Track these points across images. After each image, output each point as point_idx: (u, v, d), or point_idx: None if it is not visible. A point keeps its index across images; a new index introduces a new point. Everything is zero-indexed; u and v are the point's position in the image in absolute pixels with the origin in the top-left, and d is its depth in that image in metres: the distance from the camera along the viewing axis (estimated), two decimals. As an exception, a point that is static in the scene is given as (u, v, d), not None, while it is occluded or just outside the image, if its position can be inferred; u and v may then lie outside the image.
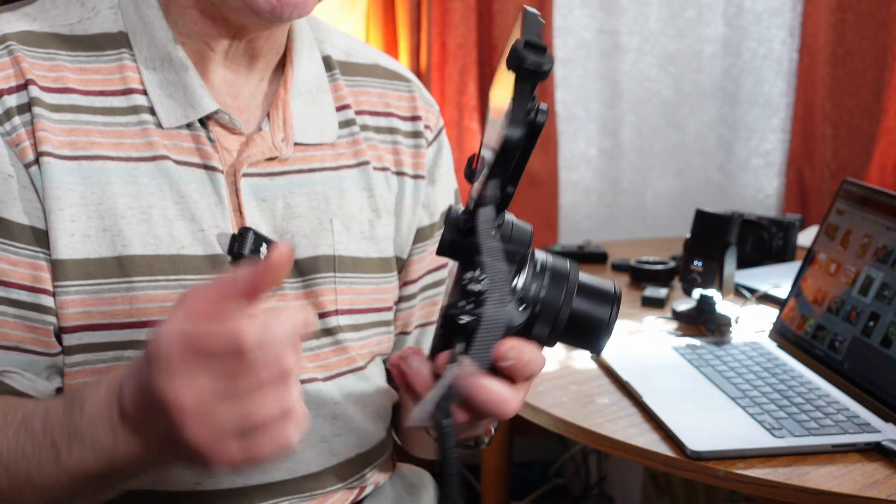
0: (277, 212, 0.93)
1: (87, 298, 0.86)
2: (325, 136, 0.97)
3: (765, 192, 2.60)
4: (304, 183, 0.95)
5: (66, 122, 0.87)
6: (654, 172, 2.55)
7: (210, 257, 0.89)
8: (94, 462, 0.69)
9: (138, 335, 0.87)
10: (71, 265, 0.85)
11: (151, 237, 0.87)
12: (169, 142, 0.89)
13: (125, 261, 0.86)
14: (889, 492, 1.06)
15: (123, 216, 0.87)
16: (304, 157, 0.96)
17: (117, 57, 0.90)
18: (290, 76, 0.96)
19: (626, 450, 1.18)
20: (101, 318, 0.86)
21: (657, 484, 2.24)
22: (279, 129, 0.94)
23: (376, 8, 2.16)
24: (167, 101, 0.89)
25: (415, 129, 1.05)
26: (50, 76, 0.88)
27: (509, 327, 0.69)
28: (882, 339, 1.28)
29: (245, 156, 0.92)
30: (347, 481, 0.98)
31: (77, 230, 0.86)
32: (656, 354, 1.45)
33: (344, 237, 0.96)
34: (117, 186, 0.87)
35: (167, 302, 0.87)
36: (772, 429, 1.18)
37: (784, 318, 1.50)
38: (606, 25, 2.43)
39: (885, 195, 1.39)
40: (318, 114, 0.98)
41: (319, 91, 0.99)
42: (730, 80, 2.54)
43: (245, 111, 0.94)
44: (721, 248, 1.57)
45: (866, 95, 2.44)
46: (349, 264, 0.97)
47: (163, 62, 0.90)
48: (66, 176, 0.86)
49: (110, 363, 0.87)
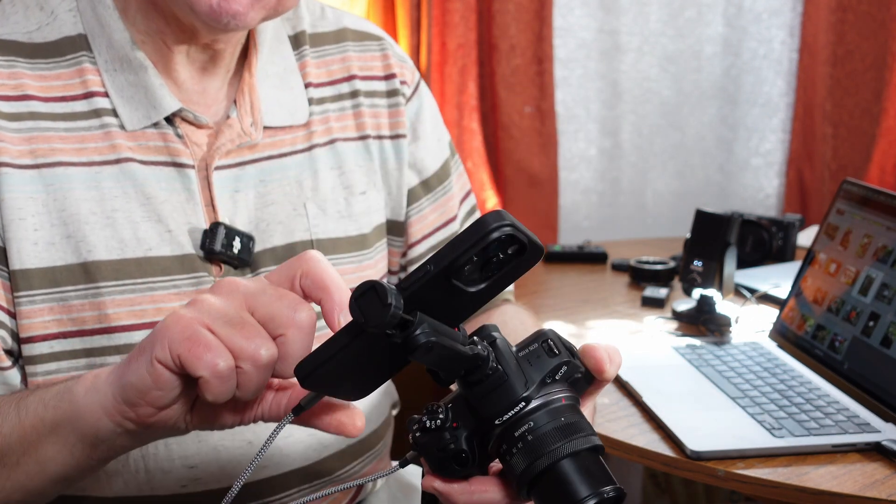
0: (250, 202, 0.93)
1: (55, 306, 0.85)
2: (295, 117, 0.97)
3: (765, 192, 2.59)
4: (276, 169, 0.95)
5: (26, 129, 0.86)
6: (654, 172, 2.55)
7: (179, 257, 0.89)
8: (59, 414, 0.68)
9: (110, 341, 0.86)
10: (36, 274, 0.85)
11: (116, 241, 0.87)
12: (134, 143, 0.89)
13: (90, 266, 0.86)
14: (889, 492, 1.06)
15: (87, 222, 0.86)
16: (275, 141, 0.95)
17: (76, 60, 0.89)
18: (255, 59, 0.95)
19: (626, 450, 1.18)
20: (72, 325, 0.86)
21: (657, 484, 2.24)
22: (247, 115, 0.93)
23: (376, 8, 2.16)
24: (128, 104, 0.89)
25: (390, 87, 1.03)
26: (9, 84, 0.87)
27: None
28: (882, 339, 1.28)
29: (216, 147, 0.91)
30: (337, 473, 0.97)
31: (41, 238, 0.85)
32: (656, 354, 1.44)
33: (320, 220, 0.96)
34: (80, 192, 0.86)
35: (136, 306, 0.87)
36: (772, 429, 1.18)
37: (784, 318, 1.50)
38: (606, 25, 2.43)
39: (885, 195, 1.39)
40: (286, 95, 0.96)
41: (287, 72, 0.97)
42: (730, 80, 2.54)
43: (213, 105, 0.93)
44: (721, 248, 1.57)
45: (866, 95, 2.44)
46: (327, 246, 0.96)
47: (122, 64, 0.89)
48: (26, 185, 0.85)
49: (84, 370, 0.86)
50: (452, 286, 0.57)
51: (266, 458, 0.91)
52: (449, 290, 0.57)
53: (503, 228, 0.55)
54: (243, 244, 0.91)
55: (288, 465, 0.93)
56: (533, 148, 2.29)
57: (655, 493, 2.24)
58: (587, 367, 0.65)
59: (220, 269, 0.91)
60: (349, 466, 0.98)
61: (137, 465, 0.88)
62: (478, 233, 0.55)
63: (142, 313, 0.87)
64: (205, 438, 0.89)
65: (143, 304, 0.87)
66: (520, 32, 2.22)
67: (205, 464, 0.89)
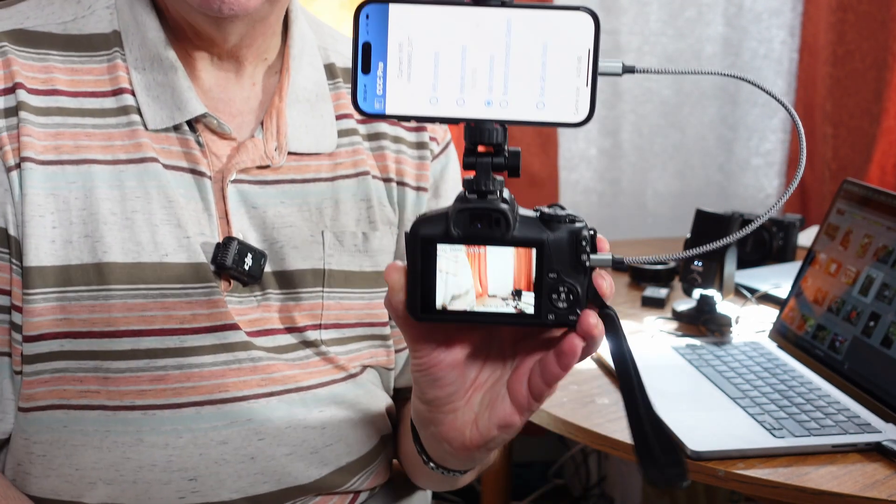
0: (267, 220, 0.92)
1: (67, 305, 0.85)
2: (322, 145, 0.95)
3: (765, 192, 2.59)
4: (297, 193, 0.94)
5: (53, 125, 0.86)
6: (654, 172, 2.55)
7: (194, 265, 0.88)
8: None
9: (117, 345, 0.86)
10: (51, 271, 0.85)
11: (133, 244, 0.86)
12: (158, 145, 0.88)
13: (104, 268, 0.85)
14: (889, 492, 1.06)
15: (106, 222, 0.86)
16: (299, 166, 0.94)
17: (109, 57, 0.89)
18: (286, 84, 0.94)
19: (626, 450, 1.18)
20: (82, 326, 0.86)
21: (657, 484, 2.24)
22: (272, 138, 0.93)
23: (376, 8, 2.16)
24: (153, 103, 0.88)
25: (419, 139, 1.02)
26: (39, 77, 0.87)
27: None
28: (882, 339, 1.28)
29: (234, 162, 0.90)
30: (338, 490, 0.97)
31: (58, 236, 0.85)
32: (656, 354, 1.44)
33: (335, 251, 0.95)
34: (102, 191, 0.86)
35: (147, 311, 0.86)
36: (772, 429, 1.18)
37: (784, 318, 1.50)
38: (606, 25, 2.43)
39: (886, 195, 1.39)
40: (315, 122, 0.96)
41: (319, 99, 0.97)
42: (730, 81, 2.54)
43: (237, 116, 0.93)
44: (721, 248, 1.57)
45: (866, 95, 2.44)
46: (339, 279, 0.95)
47: (152, 63, 0.89)
48: (47, 181, 0.85)
49: (90, 373, 0.86)
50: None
51: (268, 472, 0.91)
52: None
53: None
54: (255, 260, 0.90)
55: (290, 481, 0.93)
56: (533, 148, 2.29)
57: (655, 493, 2.24)
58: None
59: (230, 283, 0.90)
60: (350, 482, 0.98)
61: (136, 475, 0.88)
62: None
63: (152, 319, 0.87)
64: (206, 452, 0.88)
65: (154, 310, 0.87)
66: (520, 32, 2.22)
67: (204, 477, 0.89)
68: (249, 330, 0.90)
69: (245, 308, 0.91)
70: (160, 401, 0.87)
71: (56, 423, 0.87)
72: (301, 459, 0.92)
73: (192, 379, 0.88)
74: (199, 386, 0.88)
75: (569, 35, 0.61)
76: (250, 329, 0.91)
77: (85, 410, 0.87)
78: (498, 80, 0.62)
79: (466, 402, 0.71)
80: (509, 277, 0.65)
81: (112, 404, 0.87)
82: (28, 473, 0.89)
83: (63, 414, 0.87)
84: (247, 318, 0.91)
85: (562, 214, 0.65)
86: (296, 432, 0.91)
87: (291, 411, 0.91)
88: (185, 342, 0.87)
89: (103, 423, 0.87)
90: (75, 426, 0.87)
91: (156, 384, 0.87)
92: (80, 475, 0.88)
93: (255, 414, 0.90)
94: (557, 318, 0.65)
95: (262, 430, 0.90)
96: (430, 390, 0.70)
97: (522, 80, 0.62)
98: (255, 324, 0.91)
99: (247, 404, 0.89)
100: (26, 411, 0.88)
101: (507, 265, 0.64)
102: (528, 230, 0.65)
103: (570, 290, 0.65)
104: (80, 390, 0.86)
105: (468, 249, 0.64)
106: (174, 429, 0.87)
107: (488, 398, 0.71)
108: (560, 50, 0.61)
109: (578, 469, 2.48)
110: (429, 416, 0.73)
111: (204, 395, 0.88)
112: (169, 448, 0.87)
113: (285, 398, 0.91)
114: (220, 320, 0.89)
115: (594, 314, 0.66)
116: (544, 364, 0.67)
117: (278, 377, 0.91)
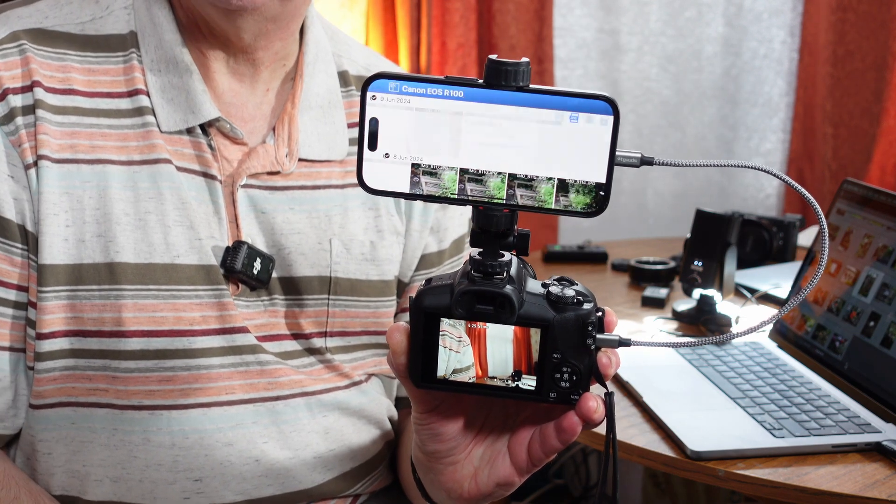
0: (276, 226, 0.92)
1: (77, 304, 0.85)
2: (333, 152, 0.95)
3: (765, 192, 2.60)
4: (307, 200, 0.94)
5: (69, 124, 0.87)
6: (654, 172, 2.55)
7: (205, 267, 0.88)
8: None
9: (126, 345, 0.86)
10: (63, 270, 0.85)
11: (145, 245, 0.87)
12: (171, 147, 0.89)
13: (116, 268, 0.86)
14: (889, 492, 1.06)
15: (118, 222, 0.86)
16: (310, 173, 0.94)
17: (126, 58, 0.90)
18: (299, 91, 0.94)
19: (627, 450, 1.18)
20: (92, 325, 0.86)
21: (657, 484, 2.24)
22: (283, 144, 0.93)
23: (376, 8, 2.16)
24: (167, 105, 0.89)
25: None
26: (57, 76, 0.87)
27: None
28: (882, 339, 1.28)
29: (245, 167, 0.91)
30: (340, 495, 0.97)
31: (72, 235, 0.85)
32: (656, 354, 1.44)
33: (343, 258, 0.94)
34: (116, 191, 0.87)
35: (157, 312, 0.86)
36: (772, 429, 1.18)
37: (784, 318, 1.50)
38: (606, 25, 2.43)
39: (886, 195, 1.39)
40: (327, 130, 0.95)
41: (331, 107, 0.96)
42: (730, 80, 2.54)
43: (250, 121, 0.93)
44: (721, 248, 1.57)
45: (866, 95, 2.44)
46: (346, 287, 0.95)
47: (168, 65, 0.89)
48: (62, 180, 0.85)
49: (98, 371, 0.86)
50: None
51: (272, 477, 0.91)
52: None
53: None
54: (263, 265, 0.90)
55: (294, 485, 0.93)
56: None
57: (656, 493, 2.24)
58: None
59: (238, 287, 0.91)
60: (354, 488, 0.98)
61: (142, 474, 0.88)
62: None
63: (161, 320, 0.87)
64: (212, 453, 0.89)
65: (164, 311, 0.87)
66: (520, 32, 2.23)
67: (209, 477, 0.89)
68: (258, 335, 0.91)
69: (252, 312, 0.91)
70: (168, 401, 0.87)
71: (64, 420, 0.88)
72: (305, 464, 0.92)
73: (200, 380, 0.88)
74: (206, 387, 0.88)
75: (588, 131, 0.62)
76: (258, 334, 0.91)
77: (93, 408, 0.87)
78: (510, 167, 0.61)
79: (467, 455, 0.72)
80: (509, 359, 0.64)
81: (120, 403, 0.87)
82: (34, 469, 0.90)
83: (71, 411, 0.88)
84: (254, 322, 0.91)
85: (569, 295, 0.64)
86: (300, 437, 0.92)
87: (297, 416, 0.91)
88: (195, 344, 0.88)
89: (111, 422, 0.87)
90: (83, 423, 0.88)
91: (164, 385, 0.87)
92: (87, 472, 0.89)
93: (261, 417, 0.90)
94: (559, 397, 0.65)
95: (267, 433, 0.90)
96: (430, 443, 0.71)
97: (537, 171, 0.61)
98: (262, 328, 0.92)
99: (253, 407, 0.90)
100: (36, 408, 0.88)
101: (507, 344, 0.64)
102: (534, 309, 0.64)
103: (574, 371, 0.65)
104: (89, 388, 0.87)
105: (469, 325, 0.64)
106: (181, 429, 0.88)
107: (489, 454, 0.72)
108: (578, 144, 0.61)
109: (578, 469, 2.48)
110: (428, 465, 0.74)
111: (211, 397, 0.88)
112: (175, 448, 0.88)
113: (291, 403, 0.91)
114: (230, 323, 0.89)
115: (596, 397, 0.66)
116: (544, 435, 0.68)
117: (285, 381, 0.91)
